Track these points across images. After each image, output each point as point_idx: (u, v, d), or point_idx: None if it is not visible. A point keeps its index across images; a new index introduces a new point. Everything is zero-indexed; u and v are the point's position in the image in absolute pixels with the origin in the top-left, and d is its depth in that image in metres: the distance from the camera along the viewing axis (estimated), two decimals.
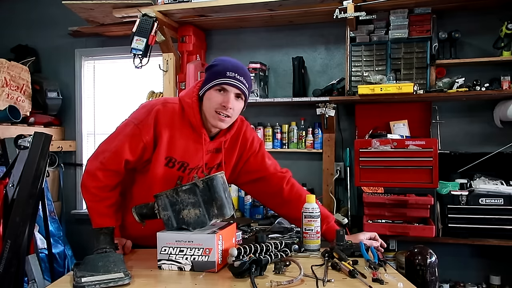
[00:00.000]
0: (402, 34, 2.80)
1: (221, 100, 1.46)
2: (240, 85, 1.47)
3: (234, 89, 1.47)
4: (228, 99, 1.46)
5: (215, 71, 1.49)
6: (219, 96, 1.47)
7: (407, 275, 1.55)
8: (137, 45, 2.84)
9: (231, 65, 1.49)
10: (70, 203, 3.70)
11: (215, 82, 1.46)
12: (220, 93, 1.47)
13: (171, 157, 1.53)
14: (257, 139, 1.74)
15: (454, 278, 2.87)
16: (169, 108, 1.52)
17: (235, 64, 1.51)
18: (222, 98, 1.47)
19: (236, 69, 1.48)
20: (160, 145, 1.49)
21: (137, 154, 1.49)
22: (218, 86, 1.46)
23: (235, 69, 1.47)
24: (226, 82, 1.46)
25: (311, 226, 1.49)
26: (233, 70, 1.47)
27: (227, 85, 1.46)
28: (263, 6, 2.84)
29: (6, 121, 3.03)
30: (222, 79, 1.46)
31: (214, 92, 1.48)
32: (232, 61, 1.52)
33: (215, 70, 1.49)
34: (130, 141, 1.48)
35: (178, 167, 1.54)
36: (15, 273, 1.85)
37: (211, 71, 1.51)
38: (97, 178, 1.47)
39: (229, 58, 1.55)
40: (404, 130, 2.88)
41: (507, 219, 2.47)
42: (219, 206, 1.30)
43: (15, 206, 1.90)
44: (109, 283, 1.15)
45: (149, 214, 1.37)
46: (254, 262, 1.20)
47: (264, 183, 1.72)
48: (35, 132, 1.97)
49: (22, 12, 3.84)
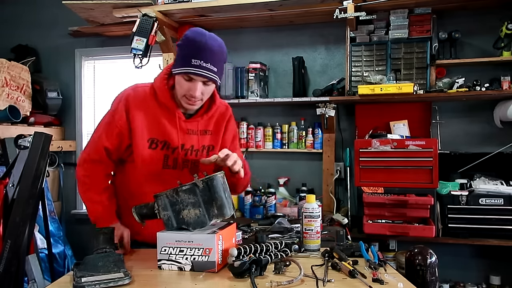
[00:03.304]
0: (402, 34, 2.80)
1: (188, 88, 1.47)
2: (206, 73, 1.43)
3: (200, 78, 1.45)
4: (195, 88, 1.46)
5: (183, 55, 1.45)
6: (186, 84, 1.47)
7: (407, 275, 1.55)
8: (137, 45, 2.83)
9: (196, 50, 1.42)
10: (70, 203, 3.70)
11: (182, 70, 1.45)
12: (188, 81, 1.46)
13: (153, 138, 1.56)
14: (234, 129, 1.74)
15: (454, 278, 2.87)
16: (140, 92, 1.57)
17: (201, 47, 1.42)
18: (189, 86, 1.46)
19: (201, 54, 1.41)
20: (136, 128, 1.54)
21: (113, 140, 1.55)
22: (185, 75, 1.45)
23: (200, 56, 1.41)
24: (192, 72, 1.43)
25: (311, 226, 1.49)
26: (199, 56, 1.41)
27: (193, 74, 1.44)
28: (263, 6, 2.84)
29: (6, 121, 3.03)
30: (188, 68, 1.43)
31: (181, 79, 1.47)
32: (199, 44, 1.42)
33: (183, 54, 1.45)
34: (106, 128, 1.57)
35: (161, 146, 1.57)
36: (15, 273, 1.85)
37: (179, 54, 1.48)
38: (84, 168, 1.59)
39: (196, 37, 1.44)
40: (404, 130, 2.88)
41: (507, 219, 2.47)
42: (219, 206, 1.30)
43: (15, 206, 1.90)
44: (109, 283, 1.15)
45: (149, 214, 1.37)
46: (254, 262, 1.19)
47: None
48: (35, 132, 1.97)
49: (22, 12, 3.84)
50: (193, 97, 1.48)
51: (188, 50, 1.44)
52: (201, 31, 1.48)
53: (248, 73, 3.09)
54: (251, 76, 3.08)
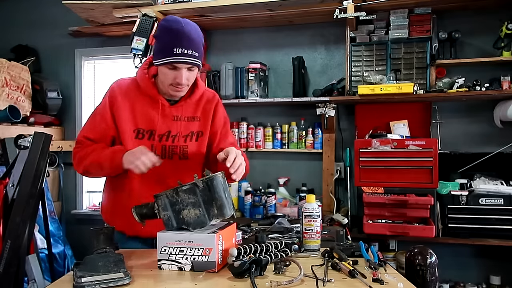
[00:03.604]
0: (402, 34, 2.80)
1: (173, 77, 1.50)
2: (189, 59, 1.46)
3: (184, 65, 1.48)
4: (181, 76, 1.49)
5: (163, 45, 1.47)
6: (171, 73, 1.50)
7: (407, 275, 1.55)
8: (137, 45, 2.84)
9: (176, 39, 1.45)
10: (70, 203, 3.70)
11: (164, 60, 1.47)
12: (172, 70, 1.49)
13: (139, 129, 1.58)
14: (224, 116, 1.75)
15: (454, 278, 2.87)
16: (122, 85, 1.61)
17: (181, 34, 1.45)
18: (174, 74, 1.50)
19: (182, 42, 1.44)
20: (121, 121, 1.57)
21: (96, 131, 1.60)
22: (169, 65, 1.48)
23: (181, 43, 1.44)
24: (176, 61, 1.46)
25: (311, 226, 1.49)
26: (180, 44, 1.44)
27: (177, 63, 1.47)
28: (263, 6, 2.84)
29: (6, 121, 3.03)
30: (171, 57, 1.45)
31: (165, 69, 1.50)
32: (176, 31, 1.45)
33: (163, 44, 1.47)
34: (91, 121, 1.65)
35: (148, 136, 1.59)
36: (15, 273, 1.85)
37: (159, 44, 1.50)
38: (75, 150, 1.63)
39: (173, 26, 1.47)
40: (404, 130, 2.88)
41: (507, 219, 2.47)
42: (219, 206, 1.30)
43: (15, 206, 1.90)
44: (109, 283, 1.15)
45: (149, 214, 1.37)
46: (254, 262, 1.19)
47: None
48: (35, 132, 1.97)
49: (22, 12, 3.84)
50: (179, 84, 1.51)
51: (167, 39, 1.47)
52: (175, 18, 1.50)
53: (248, 73, 3.09)
54: (251, 76, 3.08)
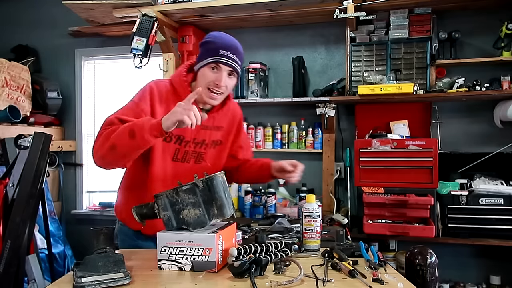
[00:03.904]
0: (402, 34, 2.80)
1: (214, 78, 1.53)
2: (232, 63, 1.52)
3: (226, 67, 1.52)
4: (221, 77, 1.52)
5: (209, 48, 1.54)
6: (212, 74, 1.53)
7: (407, 275, 1.55)
8: (137, 45, 2.84)
9: (224, 43, 1.54)
10: (70, 203, 3.70)
11: (209, 60, 1.52)
12: (213, 71, 1.53)
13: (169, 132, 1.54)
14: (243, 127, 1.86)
15: (454, 278, 2.87)
16: (161, 86, 1.60)
17: (228, 41, 1.56)
18: (215, 76, 1.53)
19: (229, 47, 1.53)
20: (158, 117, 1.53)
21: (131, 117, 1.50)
22: (212, 64, 1.52)
23: (228, 47, 1.52)
24: (219, 61, 1.51)
25: (311, 226, 1.49)
26: (226, 48, 1.52)
27: (220, 63, 1.51)
28: (263, 6, 2.84)
29: (6, 121, 3.03)
30: (215, 57, 1.51)
31: (207, 70, 1.54)
32: (225, 38, 1.57)
33: (209, 47, 1.54)
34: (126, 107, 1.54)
35: (174, 140, 1.60)
36: (15, 273, 1.85)
37: (204, 48, 1.56)
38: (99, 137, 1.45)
39: (222, 35, 1.59)
40: (404, 130, 2.88)
41: (507, 219, 2.47)
42: (219, 206, 1.30)
43: (15, 206, 1.90)
44: (109, 283, 1.15)
45: (149, 214, 1.37)
46: (254, 262, 1.19)
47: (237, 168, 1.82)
48: (35, 132, 1.97)
49: (22, 12, 3.84)
50: (218, 86, 1.53)
51: (215, 44, 1.54)
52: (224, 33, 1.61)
53: (248, 73, 3.09)
54: (251, 76, 3.08)
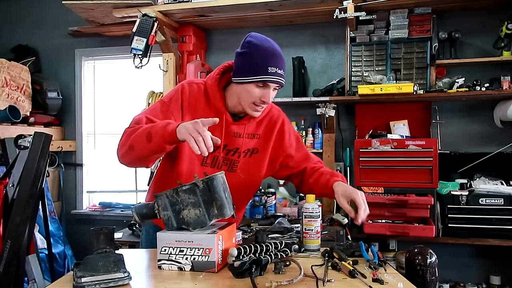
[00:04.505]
0: (402, 34, 2.80)
1: (260, 95, 1.44)
2: (281, 80, 1.44)
3: (274, 85, 1.44)
4: (269, 95, 1.45)
5: (255, 62, 1.43)
6: (259, 91, 1.44)
7: (407, 275, 1.55)
8: (137, 45, 2.84)
9: (273, 58, 1.42)
10: (70, 203, 3.70)
11: (258, 78, 1.42)
12: (261, 87, 1.44)
13: None
14: (293, 132, 1.72)
15: (454, 278, 2.87)
16: (194, 88, 1.54)
17: (276, 55, 1.44)
18: (262, 93, 1.44)
19: (277, 62, 1.42)
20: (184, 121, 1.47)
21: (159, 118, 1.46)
22: (260, 83, 1.43)
23: (276, 63, 1.42)
24: (270, 80, 1.42)
25: (311, 226, 1.49)
26: (275, 64, 1.42)
27: (271, 82, 1.42)
28: (263, 6, 2.84)
29: (6, 121, 3.03)
30: (266, 76, 1.41)
31: (253, 87, 1.44)
32: (272, 51, 1.44)
33: (255, 62, 1.43)
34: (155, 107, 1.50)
35: None
36: (15, 273, 1.85)
37: (248, 59, 1.45)
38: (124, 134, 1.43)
39: (266, 44, 1.46)
40: (404, 130, 2.88)
41: (507, 219, 2.47)
42: (219, 206, 1.30)
43: (15, 206, 1.90)
44: (109, 283, 1.15)
45: (149, 214, 1.37)
46: (254, 262, 1.19)
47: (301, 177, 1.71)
48: (35, 132, 1.97)
49: (22, 12, 3.84)
50: (265, 103, 1.46)
51: (260, 57, 1.42)
52: (262, 36, 1.49)
53: None
54: None
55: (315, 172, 1.67)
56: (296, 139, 1.71)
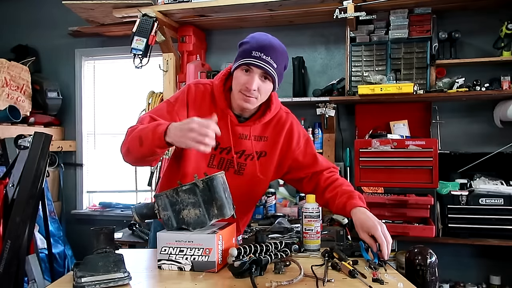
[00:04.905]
0: (402, 34, 2.80)
1: (245, 81, 1.42)
2: (264, 65, 1.39)
3: (258, 69, 1.40)
4: (252, 80, 1.41)
5: (244, 49, 1.44)
6: (244, 76, 1.43)
7: (407, 275, 1.54)
8: (137, 45, 2.84)
9: (258, 44, 1.42)
10: (70, 203, 3.70)
11: (240, 62, 1.41)
12: (245, 73, 1.42)
13: None
14: (303, 135, 1.66)
15: (454, 278, 2.87)
16: (200, 88, 1.53)
17: (263, 42, 1.43)
18: (246, 78, 1.42)
19: (262, 47, 1.41)
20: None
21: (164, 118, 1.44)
22: (243, 66, 1.41)
23: (261, 48, 1.40)
24: (250, 63, 1.40)
25: (311, 226, 1.49)
26: (259, 49, 1.40)
27: (251, 65, 1.40)
28: (263, 6, 2.84)
29: (6, 121, 3.03)
30: (247, 59, 1.40)
31: (240, 72, 1.43)
32: (261, 39, 1.44)
33: (244, 48, 1.44)
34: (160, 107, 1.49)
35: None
36: (15, 273, 1.85)
37: (240, 49, 1.46)
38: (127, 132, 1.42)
39: (258, 35, 1.47)
40: (404, 130, 2.88)
41: (507, 219, 2.47)
42: (219, 206, 1.30)
43: (15, 206, 1.90)
44: (109, 283, 1.15)
45: (149, 214, 1.37)
46: (254, 262, 1.19)
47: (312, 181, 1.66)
48: (35, 132, 1.97)
49: (22, 12, 3.84)
50: (248, 90, 1.42)
51: (249, 45, 1.43)
52: (264, 33, 1.49)
53: None
54: None
55: (330, 186, 1.61)
56: (305, 141, 1.65)
